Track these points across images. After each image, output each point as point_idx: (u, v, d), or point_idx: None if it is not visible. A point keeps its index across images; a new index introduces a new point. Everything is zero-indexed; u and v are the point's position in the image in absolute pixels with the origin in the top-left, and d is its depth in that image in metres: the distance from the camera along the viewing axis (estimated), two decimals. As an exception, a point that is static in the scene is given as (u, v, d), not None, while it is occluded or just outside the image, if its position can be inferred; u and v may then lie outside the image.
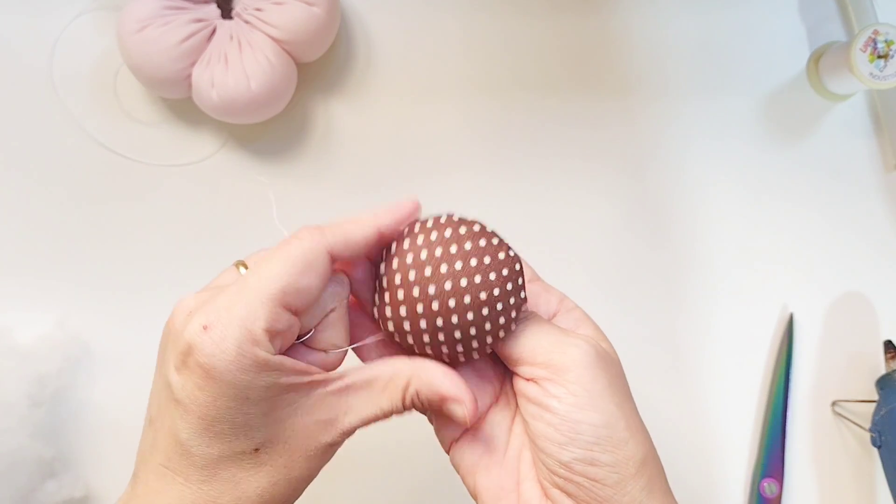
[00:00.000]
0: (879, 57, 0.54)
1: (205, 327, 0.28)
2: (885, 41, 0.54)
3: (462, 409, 0.30)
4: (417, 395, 0.31)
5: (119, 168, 0.56)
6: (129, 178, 0.56)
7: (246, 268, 0.32)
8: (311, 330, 0.31)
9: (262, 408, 0.28)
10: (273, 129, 0.57)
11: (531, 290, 0.35)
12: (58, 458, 0.52)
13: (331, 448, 0.31)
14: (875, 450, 0.54)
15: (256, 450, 0.29)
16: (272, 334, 0.28)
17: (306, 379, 0.29)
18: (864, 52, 0.54)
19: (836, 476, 0.56)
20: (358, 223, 0.31)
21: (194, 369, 0.28)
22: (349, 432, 0.31)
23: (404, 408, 0.31)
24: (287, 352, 0.30)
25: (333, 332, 0.32)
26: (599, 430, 0.29)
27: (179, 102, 0.56)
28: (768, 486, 0.54)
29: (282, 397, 0.29)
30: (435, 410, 0.32)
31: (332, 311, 0.32)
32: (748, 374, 0.57)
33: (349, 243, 0.31)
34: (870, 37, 0.54)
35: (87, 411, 0.53)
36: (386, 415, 0.31)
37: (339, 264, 0.32)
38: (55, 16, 0.57)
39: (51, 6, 0.57)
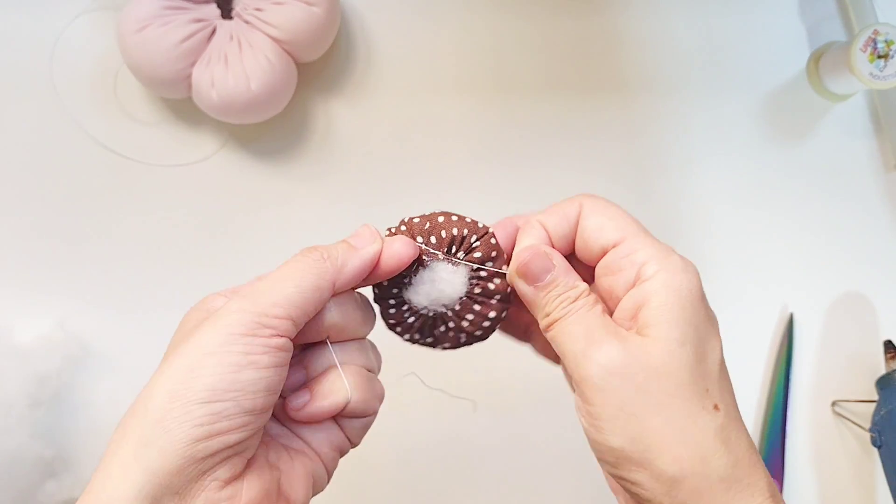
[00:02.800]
0: (879, 57, 0.54)
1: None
2: (885, 41, 0.54)
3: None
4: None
5: (119, 168, 0.56)
6: (129, 178, 0.56)
7: None
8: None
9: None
10: (273, 129, 0.57)
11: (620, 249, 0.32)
12: (58, 458, 0.52)
13: None
14: (875, 450, 0.54)
15: None
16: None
17: None
18: (864, 52, 0.54)
19: (836, 476, 0.56)
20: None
21: None
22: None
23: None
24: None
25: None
26: (616, 452, 0.28)
27: (179, 102, 0.56)
28: (768, 486, 0.54)
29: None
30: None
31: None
32: (748, 374, 0.57)
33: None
34: (870, 37, 0.54)
35: (87, 411, 0.53)
36: (297, 274, 0.29)
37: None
38: (55, 16, 0.57)
39: (51, 6, 0.57)
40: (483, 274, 0.32)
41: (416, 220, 0.33)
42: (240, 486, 0.27)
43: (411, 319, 0.33)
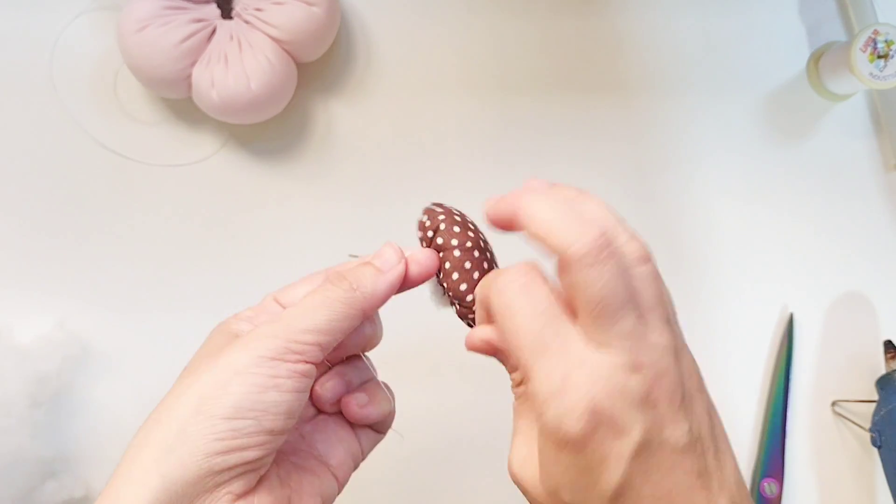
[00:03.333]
0: (879, 57, 0.54)
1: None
2: (885, 41, 0.54)
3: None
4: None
5: (119, 168, 0.56)
6: (129, 178, 0.56)
7: None
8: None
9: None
10: (273, 129, 0.57)
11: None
12: (58, 458, 0.52)
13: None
14: (875, 450, 0.54)
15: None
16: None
17: None
18: (864, 51, 0.54)
19: (836, 476, 0.56)
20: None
21: None
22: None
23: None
24: None
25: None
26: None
27: (179, 102, 0.56)
28: (768, 486, 0.54)
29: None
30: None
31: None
32: (748, 374, 0.57)
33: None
34: (870, 37, 0.54)
35: (87, 411, 0.53)
36: (325, 301, 0.31)
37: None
38: (55, 16, 0.57)
39: (51, 6, 0.57)
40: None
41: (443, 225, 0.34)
42: (251, 500, 0.28)
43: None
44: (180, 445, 0.27)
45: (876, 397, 0.55)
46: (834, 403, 0.57)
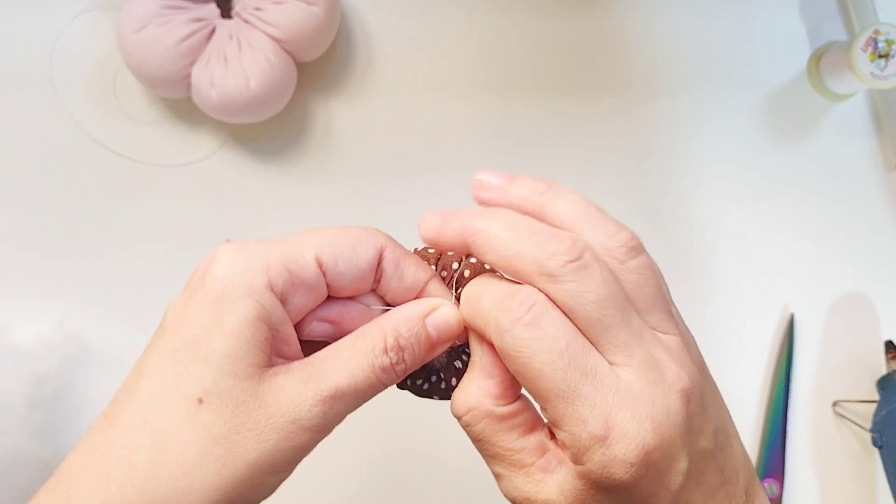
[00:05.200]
0: (880, 56, 0.54)
1: (235, 251, 0.26)
2: (886, 41, 0.54)
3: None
4: (399, 340, 0.26)
5: (118, 167, 0.56)
6: (129, 177, 0.56)
7: None
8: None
9: (229, 342, 0.25)
10: (273, 128, 0.57)
11: None
12: (57, 458, 0.51)
13: (305, 432, 0.25)
14: (876, 450, 0.54)
15: (200, 400, 0.24)
16: (291, 279, 0.25)
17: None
18: (865, 51, 0.54)
19: (837, 476, 0.56)
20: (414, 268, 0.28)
21: (206, 286, 0.26)
22: (327, 401, 0.25)
23: (390, 363, 0.26)
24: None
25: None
26: None
27: (179, 102, 0.56)
28: (769, 487, 0.54)
29: (253, 346, 0.25)
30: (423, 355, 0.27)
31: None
32: (749, 375, 0.57)
33: (399, 282, 0.28)
34: (870, 36, 0.54)
35: (87, 411, 0.53)
36: (365, 376, 0.26)
37: None
38: (55, 16, 0.57)
39: (50, 6, 0.57)
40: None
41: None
42: None
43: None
44: None
45: (877, 397, 0.55)
46: (835, 404, 0.57)
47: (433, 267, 0.30)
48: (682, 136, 0.59)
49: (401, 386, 0.30)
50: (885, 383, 0.54)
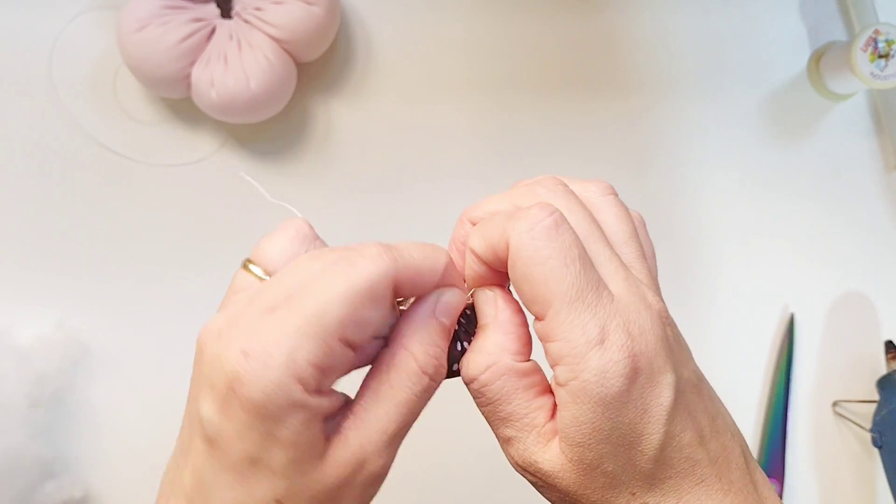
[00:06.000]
0: (880, 56, 0.54)
1: (245, 354, 0.24)
2: (886, 41, 0.54)
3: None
4: (428, 351, 0.27)
5: (118, 167, 0.56)
6: (129, 177, 0.56)
7: (257, 272, 0.29)
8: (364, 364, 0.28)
9: (290, 453, 0.25)
10: (273, 128, 0.57)
11: None
12: (57, 458, 0.51)
13: (379, 479, 0.27)
14: (876, 450, 0.54)
15: (278, 501, 0.25)
16: (322, 371, 0.24)
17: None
18: (865, 51, 0.54)
19: (837, 476, 0.56)
20: (430, 261, 0.27)
21: (243, 405, 0.24)
22: (387, 450, 0.26)
23: (429, 380, 0.27)
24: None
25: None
26: None
27: (179, 102, 0.56)
28: (769, 487, 0.54)
29: (313, 445, 0.25)
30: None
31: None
32: (749, 375, 0.57)
33: (416, 284, 0.27)
34: (870, 36, 0.54)
35: (87, 411, 0.53)
36: (411, 407, 0.27)
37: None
38: (55, 16, 0.57)
39: (50, 6, 0.57)
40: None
41: None
42: None
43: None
44: None
45: (877, 397, 0.55)
46: (835, 404, 0.57)
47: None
48: (682, 136, 0.59)
49: None
50: (885, 383, 0.54)
